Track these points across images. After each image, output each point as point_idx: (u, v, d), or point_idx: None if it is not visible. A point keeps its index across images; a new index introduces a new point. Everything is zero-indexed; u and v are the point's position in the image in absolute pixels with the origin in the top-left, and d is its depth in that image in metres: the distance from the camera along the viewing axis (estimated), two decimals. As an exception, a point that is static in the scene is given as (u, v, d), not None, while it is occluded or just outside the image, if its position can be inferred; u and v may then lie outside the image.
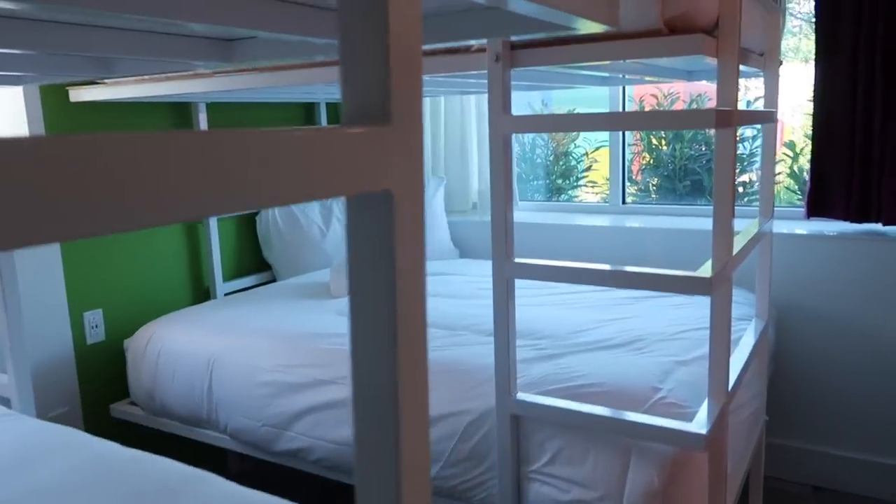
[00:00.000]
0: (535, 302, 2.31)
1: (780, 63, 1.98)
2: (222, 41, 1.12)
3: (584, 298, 2.37)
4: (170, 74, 1.98)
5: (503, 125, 1.43)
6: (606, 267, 1.40)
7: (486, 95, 3.17)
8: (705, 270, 1.34)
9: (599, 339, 1.93)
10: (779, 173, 3.11)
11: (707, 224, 1.43)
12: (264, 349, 2.05)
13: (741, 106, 3.25)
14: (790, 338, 2.55)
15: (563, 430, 1.57)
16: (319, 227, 2.95)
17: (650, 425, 1.40)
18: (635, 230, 2.85)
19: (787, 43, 3.15)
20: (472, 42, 1.46)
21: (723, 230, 1.39)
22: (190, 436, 2.21)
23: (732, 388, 1.54)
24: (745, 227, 1.93)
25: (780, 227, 2.58)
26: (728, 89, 1.34)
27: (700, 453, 1.44)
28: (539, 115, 1.36)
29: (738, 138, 3.28)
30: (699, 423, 1.40)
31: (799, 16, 3.22)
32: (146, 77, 2.03)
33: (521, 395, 1.56)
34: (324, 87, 2.32)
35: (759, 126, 2.79)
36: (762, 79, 2.03)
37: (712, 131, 1.40)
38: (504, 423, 1.57)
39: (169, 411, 2.22)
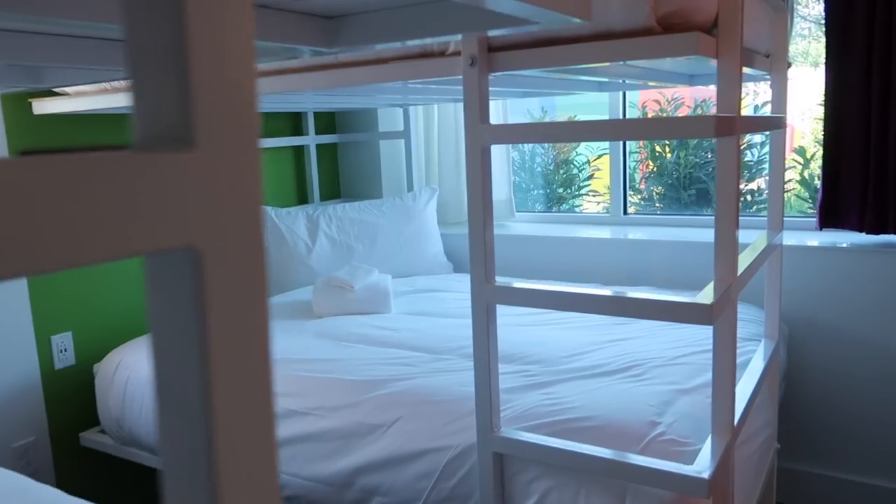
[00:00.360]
0: (527, 322, 2.17)
1: (789, 65, 1.84)
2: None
3: (581, 316, 2.23)
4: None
5: (480, 136, 1.30)
6: (595, 291, 1.26)
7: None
8: (706, 295, 1.20)
9: (594, 364, 1.78)
10: (789, 180, 2.96)
11: (713, 235, 1.29)
12: (236, 376, 1.91)
13: (748, 111, 3.10)
14: (802, 356, 2.40)
15: (552, 469, 1.43)
16: (305, 243, 2.81)
17: (647, 468, 1.26)
18: (637, 242, 2.71)
19: (795, 47, 3.01)
20: (443, 38, 1.33)
21: (726, 249, 1.25)
22: (159, 466, 2.07)
23: (739, 422, 1.40)
24: (753, 241, 1.79)
25: (790, 238, 2.42)
26: (730, 93, 1.20)
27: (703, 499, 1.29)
28: (520, 125, 1.22)
29: (745, 144, 3.14)
30: (701, 465, 1.26)
31: (808, 18, 3.07)
32: (108, 87, 1.91)
33: (506, 432, 1.41)
34: (312, 95, 2.19)
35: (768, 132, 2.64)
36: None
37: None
38: (486, 462, 1.43)
39: (138, 441, 2.09)
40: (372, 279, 2.48)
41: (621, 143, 2.96)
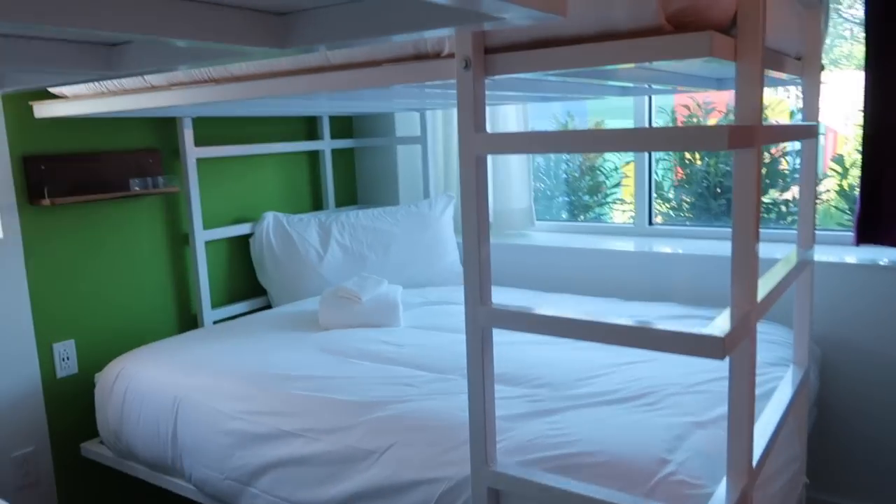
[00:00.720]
0: (539, 339, 2.05)
1: (822, 68, 1.69)
2: (101, 46, 0.91)
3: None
4: (127, 88, 1.80)
5: (475, 145, 1.19)
6: (599, 319, 1.14)
7: (499, 108, 2.92)
8: (720, 326, 1.07)
9: (606, 390, 1.66)
10: (827, 190, 2.78)
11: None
12: (229, 391, 1.84)
13: (784, 117, 2.93)
14: (835, 381, 2.23)
15: (552, 507, 1.31)
16: (316, 250, 2.74)
17: (652, 514, 1.14)
18: (662, 256, 2.57)
19: (840, 49, 2.84)
20: (404, 37, 1.23)
21: (744, 273, 1.13)
22: (155, 482, 2.01)
23: (759, 462, 1.27)
24: (784, 256, 1.65)
25: (826, 254, 2.27)
26: (749, 99, 1.08)
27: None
28: (517, 134, 1.12)
29: (780, 152, 2.97)
30: (714, 513, 1.13)
31: (853, 19, 2.90)
32: (106, 91, 1.85)
33: (501, 466, 1.31)
34: (327, 99, 2.10)
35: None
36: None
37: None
38: (480, 498, 1.32)
39: (135, 455, 2.02)
40: (381, 291, 2.39)
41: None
